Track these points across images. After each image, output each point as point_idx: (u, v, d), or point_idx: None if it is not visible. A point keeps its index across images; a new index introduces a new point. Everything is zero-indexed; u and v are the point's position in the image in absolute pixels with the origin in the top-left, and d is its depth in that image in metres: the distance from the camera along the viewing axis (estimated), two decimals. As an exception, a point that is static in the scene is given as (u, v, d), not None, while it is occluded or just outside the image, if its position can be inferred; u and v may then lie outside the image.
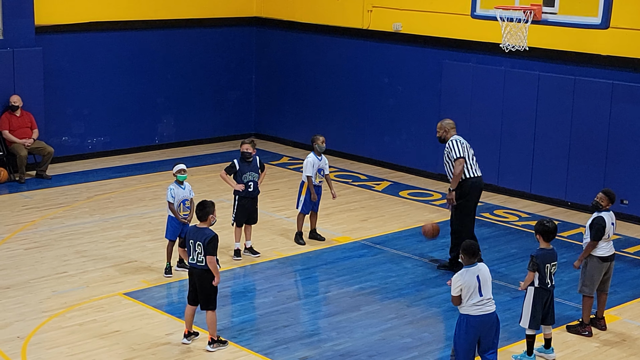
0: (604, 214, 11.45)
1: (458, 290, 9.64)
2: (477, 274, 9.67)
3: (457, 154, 13.34)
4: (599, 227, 11.33)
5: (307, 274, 13.67)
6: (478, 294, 9.63)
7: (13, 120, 17.90)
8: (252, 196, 13.90)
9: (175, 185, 12.99)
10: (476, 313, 9.64)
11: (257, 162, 13.97)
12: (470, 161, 13.48)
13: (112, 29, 19.70)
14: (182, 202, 12.98)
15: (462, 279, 9.62)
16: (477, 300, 9.62)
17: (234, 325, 11.56)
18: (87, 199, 16.93)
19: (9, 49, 18.11)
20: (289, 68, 21.45)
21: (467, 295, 9.61)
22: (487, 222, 16.22)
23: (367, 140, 20.13)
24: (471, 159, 13.53)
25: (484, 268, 9.80)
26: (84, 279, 12.98)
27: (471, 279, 9.62)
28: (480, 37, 17.70)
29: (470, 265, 9.69)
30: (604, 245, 11.43)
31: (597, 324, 11.69)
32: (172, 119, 21.03)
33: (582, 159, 16.70)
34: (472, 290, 9.61)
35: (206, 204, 10.79)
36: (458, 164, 13.32)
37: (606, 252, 11.44)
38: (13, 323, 11.39)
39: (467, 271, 9.67)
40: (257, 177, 13.94)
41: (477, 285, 9.62)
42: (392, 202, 17.37)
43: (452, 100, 18.39)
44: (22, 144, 17.74)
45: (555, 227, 10.71)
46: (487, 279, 9.73)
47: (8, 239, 14.58)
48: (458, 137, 13.60)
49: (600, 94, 16.34)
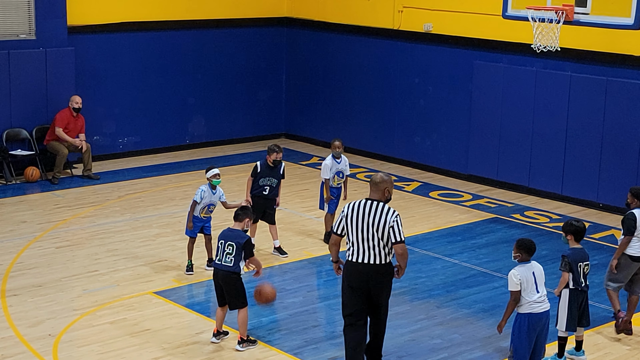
0: (635, 210, 11.40)
1: (518, 284, 9.62)
2: (532, 270, 9.71)
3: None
4: (630, 222, 11.30)
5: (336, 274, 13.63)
6: (535, 291, 9.66)
7: (71, 120, 18.02)
8: (266, 197, 13.90)
9: (207, 188, 12.96)
10: (538, 310, 9.66)
11: (280, 169, 13.96)
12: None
13: (143, 29, 19.79)
14: (208, 205, 12.99)
15: (520, 274, 9.65)
16: (537, 297, 9.65)
17: (264, 324, 11.58)
18: (118, 198, 17.02)
19: (41, 49, 18.24)
20: (320, 68, 21.46)
21: (526, 291, 9.62)
22: (517, 223, 16.14)
23: (397, 141, 20.10)
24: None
25: (538, 266, 9.83)
26: (115, 277, 13.05)
27: (528, 274, 9.66)
28: (511, 37, 17.62)
29: (524, 262, 9.72)
30: (637, 245, 11.34)
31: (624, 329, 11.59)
32: (203, 119, 21.09)
33: (614, 160, 16.59)
34: (530, 286, 9.63)
35: (246, 208, 11.06)
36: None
37: (637, 251, 11.35)
38: (44, 321, 11.47)
39: (522, 267, 9.70)
40: (276, 182, 13.90)
41: (534, 282, 9.65)
42: (422, 202, 17.33)
43: (483, 101, 18.33)
44: (77, 146, 17.90)
45: (585, 226, 10.67)
46: (542, 276, 9.78)
47: (40, 237, 14.69)
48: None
49: (633, 94, 16.22)
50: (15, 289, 12.48)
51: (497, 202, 17.40)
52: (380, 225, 9.56)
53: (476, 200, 17.47)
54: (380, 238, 9.57)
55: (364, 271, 9.70)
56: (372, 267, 9.67)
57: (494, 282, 13.21)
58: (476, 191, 18.10)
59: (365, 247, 9.66)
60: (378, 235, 9.58)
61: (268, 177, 13.81)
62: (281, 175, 13.97)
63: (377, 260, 9.65)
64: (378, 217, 9.58)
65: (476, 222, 16.19)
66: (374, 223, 9.59)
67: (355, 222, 9.67)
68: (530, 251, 9.75)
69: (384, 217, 9.57)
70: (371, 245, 9.63)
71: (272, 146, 13.91)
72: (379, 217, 9.58)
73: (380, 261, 9.66)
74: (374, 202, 9.69)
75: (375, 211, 9.63)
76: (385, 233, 9.55)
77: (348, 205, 9.78)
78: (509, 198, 17.63)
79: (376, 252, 9.64)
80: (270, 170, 13.82)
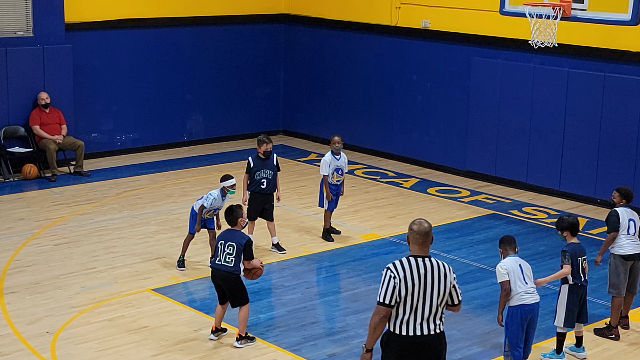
0: (619, 208, 11.42)
1: (505, 274, 9.77)
2: (519, 262, 9.89)
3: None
4: (614, 219, 11.31)
5: (334, 271, 13.67)
6: (524, 281, 9.80)
7: (43, 116, 18.03)
8: (264, 192, 13.89)
9: (218, 195, 12.92)
10: (529, 301, 9.79)
11: (273, 160, 13.96)
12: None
13: (141, 26, 19.78)
14: (214, 210, 13.00)
15: (506, 265, 9.82)
16: (526, 288, 9.79)
17: (262, 321, 11.58)
18: (116, 195, 17.01)
19: (39, 46, 18.22)
20: (317, 65, 21.46)
21: (514, 282, 9.76)
22: (515, 219, 16.15)
23: (395, 137, 20.10)
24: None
25: (523, 260, 10.01)
26: (113, 274, 13.05)
27: (514, 265, 9.83)
28: (509, 33, 17.62)
29: (510, 255, 9.91)
30: (626, 243, 11.30)
31: (620, 322, 11.60)
32: (201, 116, 21.09)
33: (612, 155, 16.60)
34: (517, 277, 9.78)
35: (233, 208, 10.87)
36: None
37: (628, 250, 11.33)
38: (42, 318, 11.46)
39: (508, 259, 9.89)
40: (272, 174, 13.90)
41: (520, 272, 9.80)
42: (420, 199, 17.34)
43: (480, 97, 18.33)
44: (54, 140, 17.87)
45: (577, 219, 10.68)
46: (529, 269, 9.94)
47: (38, 235, 14.68)
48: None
49: (630, 90, 16.23)
50: (13, 287, 12.47)
51: (495, 198, 17.41)
52: (442, 286, 7.76)
53: (474, 197, 17.48)
54: (441, 302, 7.78)
55: (430, 345, 7.79)
56: (436, 338, 7.83)
57: (492, 278, 13.17)
58: (474, 187, 18.10)
59: (426, 313, 7.72)
60: (440, 298, 7.76)
61: (262, 169, 13.81)
62: (275, 166, 13.96)
63: (439, 329, 7.84)
64: (442, 277, 7.77)
65: (474, 218, 16.19)
66: (437, 285, 7.76)
67: (412, 286, 7.70)
68: (511, 244, 9.98)
69: (447, 276, 7.81)
70: (433, 312, 7.74)
71: (261, 137, 13.93)
72: (443, 277, 7.77)
73: (442, 329, 7.89)
74: (425, 260, 7.84)
75: (433, 270, 7.77)
76: (445, 296, 7.79)
77: (395, 267, 7.78)
78: (507, 194, 17.64)
79: (437, 319, 7.80)
80: (263, 162, 13.82)
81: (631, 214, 11.42)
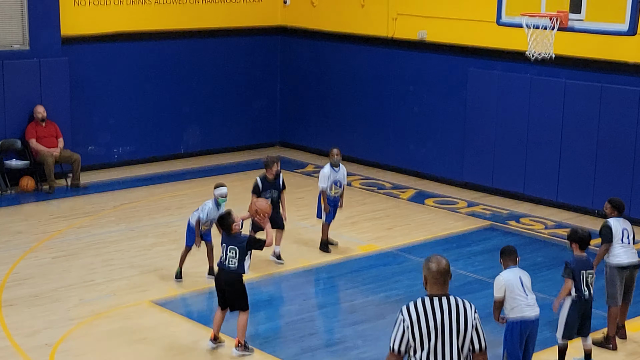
0: (611, 219, 11.45)
1: (502, 290, 9.73)
2: (518, 275, 9.82)
3: None
4: (607, 230, 11.33)
5: (332, 283, 13.67)
6: (524, 293, 9.74)
7: (39, 129, 18.03)
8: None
9: (213, 205, 12.89)
10: (529, 314, 9.74)
11: (280, 181, 13.96)
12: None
13: (137, 39, 19.81)
14: (211, 220, 12.95)
15: (504, 278, 9.75)
16: (527, 301, 9.74)
17: (260, 333, 11.56)
18: (114, 208, 17.01)
19: (35, 59, 18.23)
20: (314, 77, 21.48)
21: (514, 294, 9.69)
22: (513, 230, 16.15)
23: (392, 149, 20.11)
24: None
25: (524, 272, 9.94)
26: (111, 287, 13.03)
27: (514, 277, 9.76)
28: (505, 44, 17.65)
29: (510, 267, 9.85)
30: (621, 252, 11.31)
31: (617, 332, 11.60)
32: (198, 128, 21.10)
33: (609, 166, 16.61)
34: (517, 290, 9.70)
35: (223, 217, 10.87)
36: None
37: (623, 259, 11.32)
38: (41, 331, 11.45)
39: (508, 271, 9.83)
40: (277, 194, 13.89)
41: (520, 285, 9.74)
42: (417, 210, 17.34)
43: (477, 108, 18.35)
44: (51, 153, 17.86)
45: (590, 235, 10.69)
46: (529, 281, 9.88)
47: (36, 248, 14.67)
48: None
49: (627, 101, 16.25)
50: (11, 299, 12.45)
51: (493, 209, 17.41)
52: (461, 326, 6.75)
53: (471, 208, 17.48)
54: (462, 345, 6.76)
55: None
56: None
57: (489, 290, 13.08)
58: (471, 198, 18.11)
59: (447, 359, 6.73)
60: (458, 343, 6.75)
61: (269, 189, 13.80)
62: (281, 186, 13.97)
63: None
64: (461, 316, 6.77)
65: (471, 229, 16.19)
66: (455, 325, 6.77)
67: (427, 329, 6.72)
68: (511, 255, 9.89)
69: (467, 315, 6.80)
70: (456, 357, 6.75)
71: (269, 158, 13.88)
72: (463, 316, 6.77)
73: None
74: (443, 299, 6.78)
75: (451, 309, 6.76)
76: (467, 339, 6.76)
77: (407, 309, 6.75)
78: (504, 205, 17.64)
79: None
80: (271, 184, 13.81)
81: (624, 222, 11.45)
